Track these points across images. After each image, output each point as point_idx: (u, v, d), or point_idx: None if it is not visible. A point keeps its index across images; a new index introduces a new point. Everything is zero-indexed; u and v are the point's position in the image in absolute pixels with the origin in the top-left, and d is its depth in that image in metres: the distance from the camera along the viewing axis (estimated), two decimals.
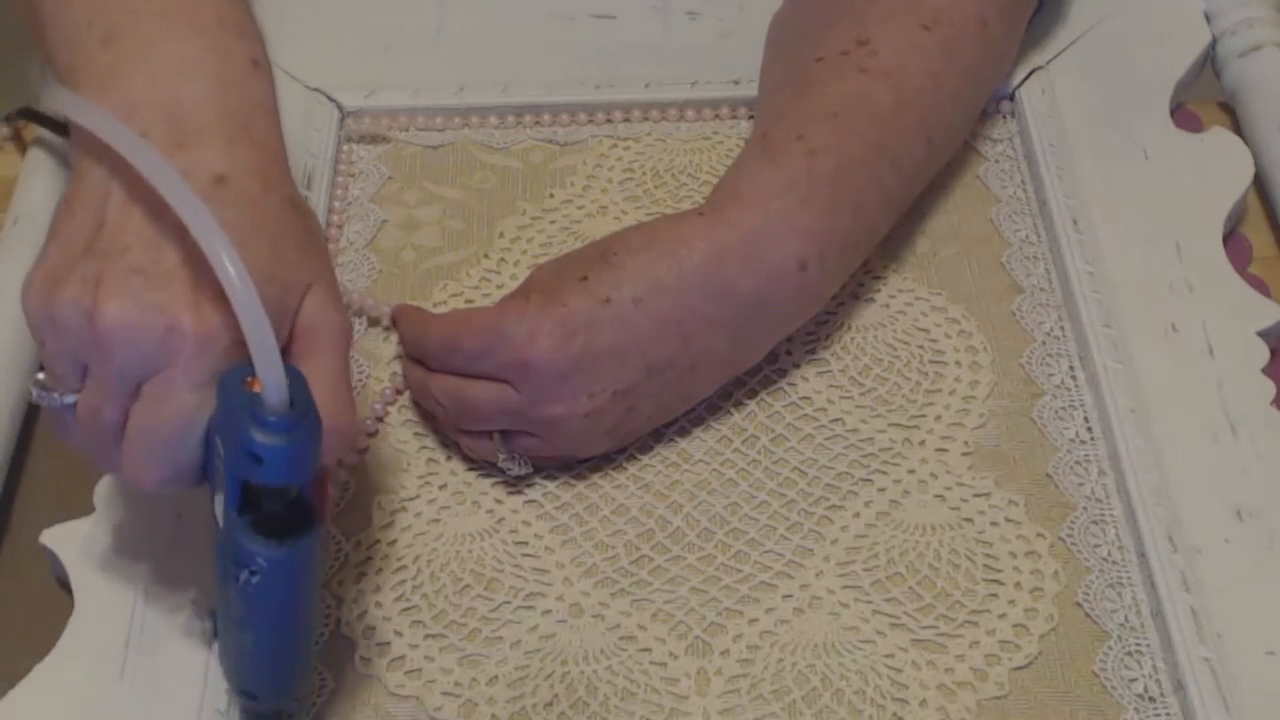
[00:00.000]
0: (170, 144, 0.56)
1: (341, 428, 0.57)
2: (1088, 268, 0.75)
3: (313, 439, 0.54)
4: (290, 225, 0.57)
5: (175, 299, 0.54)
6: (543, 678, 0.64)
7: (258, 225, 0.56)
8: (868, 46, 0.72)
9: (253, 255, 0.54)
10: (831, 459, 0.70)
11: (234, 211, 0.55)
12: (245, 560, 0.55)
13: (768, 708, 0.63)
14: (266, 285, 0.54)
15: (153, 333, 0.54)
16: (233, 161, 0.56)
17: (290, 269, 0.56)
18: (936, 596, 0.66)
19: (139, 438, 0.56)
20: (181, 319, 0.54)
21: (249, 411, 0.53)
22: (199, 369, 0.54)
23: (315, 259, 0.58)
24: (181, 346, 0.54)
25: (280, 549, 0.55)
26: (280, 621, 0.57)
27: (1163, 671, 0.63)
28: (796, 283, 0.69)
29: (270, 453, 0.53)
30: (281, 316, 0.56)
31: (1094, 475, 0.69)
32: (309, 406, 0.54)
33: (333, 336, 0.58)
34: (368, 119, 0.83)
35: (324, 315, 0.57)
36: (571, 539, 0.68)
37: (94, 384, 0.56)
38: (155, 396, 0.55)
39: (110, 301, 0.54)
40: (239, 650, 0.59)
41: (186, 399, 0.54)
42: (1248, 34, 0.84)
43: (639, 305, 0.66)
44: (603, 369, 0.66)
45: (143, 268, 0.54)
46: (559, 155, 0.82)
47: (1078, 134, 0.80)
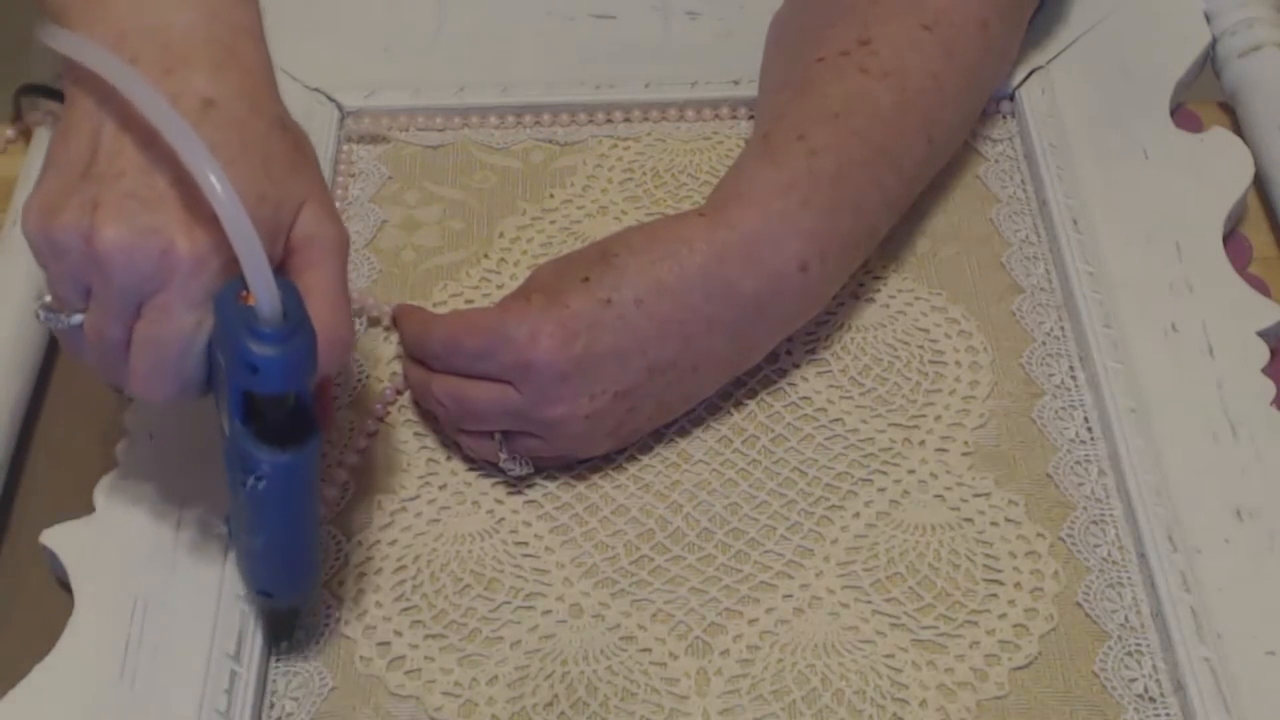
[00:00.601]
0: (159, 70, 0.57)
1: (339, 338, 0.59)
2: (1088, 268, 0.75)
3: (306, 348, 0.56)
4: (280, 144, 0.59)
5: (169, 221, 0.56)
6: (543, 678, 0.64)
7: (247, 146, 0.57)
8: (869, 47, 0.72)
9: (243, 176, 0.56)
10: (831, 459, 0.70)
11: (223, 134, 0.56)
12: (251, 467, 0.58)
13: (768, 708, 0.63)
14: (258, 204, 0.56)
15: (149, 255, 0.56)
16: (220, 85, 0.57)
17: (281, 187, 0.58)
18: (936, 596, 0.66)
19: (143, 356, 0.58)
20: (176, 241, 0.55)
21: (244, 325, 0.55)
22: (195, 288, 0.56)
23: (307, 175, 0.60)
24: (177, 267, 0.56)
25: (284, 455, 0.58)
26: (287, 522, 0.60)
27: (1163, 671, 0.63)
28: (797, 283, 0.69)
29: (266, 363, 0.55)
30: (275, 233, 0.58)
31: (1094, 475, 0.69)
32: (302, 317, 0.56)
33: (329, 248, 0.59)
34: (368, 119, 0.83)
35: (319, 228, 0.59)
36: (571, 539, 0.68)
37: (97, 305, 0.58)
38: (155, 316, 0.57)
39: (108, 226, 0.55)
40: (252, 552, 0.62)
41: (185, 318, 0.57)
42: (1248, 34, 0.84)
43: (640, 306, 0.66)
44: (604, 370, 0.66)
45: (137, 192, 0.56)
46: (559, 155, 0.82)
47: (1078, 134, 0.80)
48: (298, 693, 0.63)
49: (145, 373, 0.58)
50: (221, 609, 0.64)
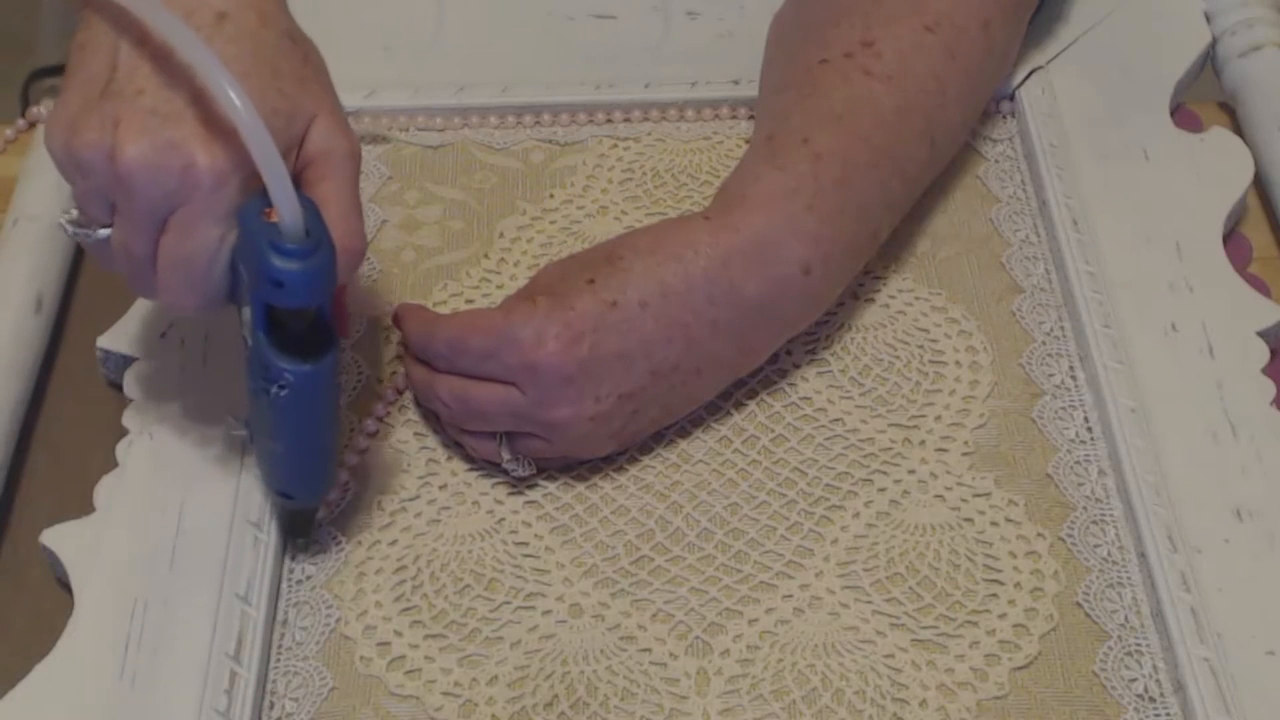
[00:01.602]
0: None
1: (353, 248, 0.61)
2: (1088, 268, 0.75)
3: (328, 264, 0.58)
4: (290, 58, 0.60)
5: (190, 136, 0.57)
6: (543, 678, 0.64)
7: (258, 59, 0.59)
8: (872, 48, 0.72)
9: (255, 89, 0.57)
10: (831, 459, 0.70)
11: (235, 47, 0.58)
12: (274, 376, 0.60)
13: (768, 708, 0.63)
14: (271, 118, 0.57)
15: (171, 171, 0.57)
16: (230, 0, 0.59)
17: (292, 101, 0.59)
18: (936, 596, 0.66)
19: (169, 269, 0.59)
20: (197, 156, 0.57)
21: (268, 241, 0.57)
22: (218, 202, 0.58)
23: (317, 89, 0.61)
24: (200, 182, 0.57)
25: (305, 365, 0.60)
26: (307, 428, 0.63)
27: (1163, 671, 0.63)
28: (801, 287, 0.69)
29: (290, 277, 0.57)
30: (288, 146, 0.59)
31: (1094, 475, 0.69)
32: (323, 234, 0.58)
33: (340, 161, 0.61)
34: (368, 119, 0.83)
35: (331, 141, 0.61)
36: (572, 539, 0.68)
37: (122, 220, 0.59)
38: (180, 230, 0.58)
39: (130, 143, 0.57)
40: (273, 457, 0.64)
41: (209, 231, 0.58)
42: (1248, 34, 0.84)
43: (645, 309, 0.66)
44: (609, 372, 0.66)
45: (158, 108, 0.57)
46: (559, 155, 0.82)
47: (1078, 134, 0.80)
48: (298, 693, 0.63)
49: (171, 285, 0.60)
50: (221, 609, 0.64)
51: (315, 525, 0.67)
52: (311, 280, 0.58)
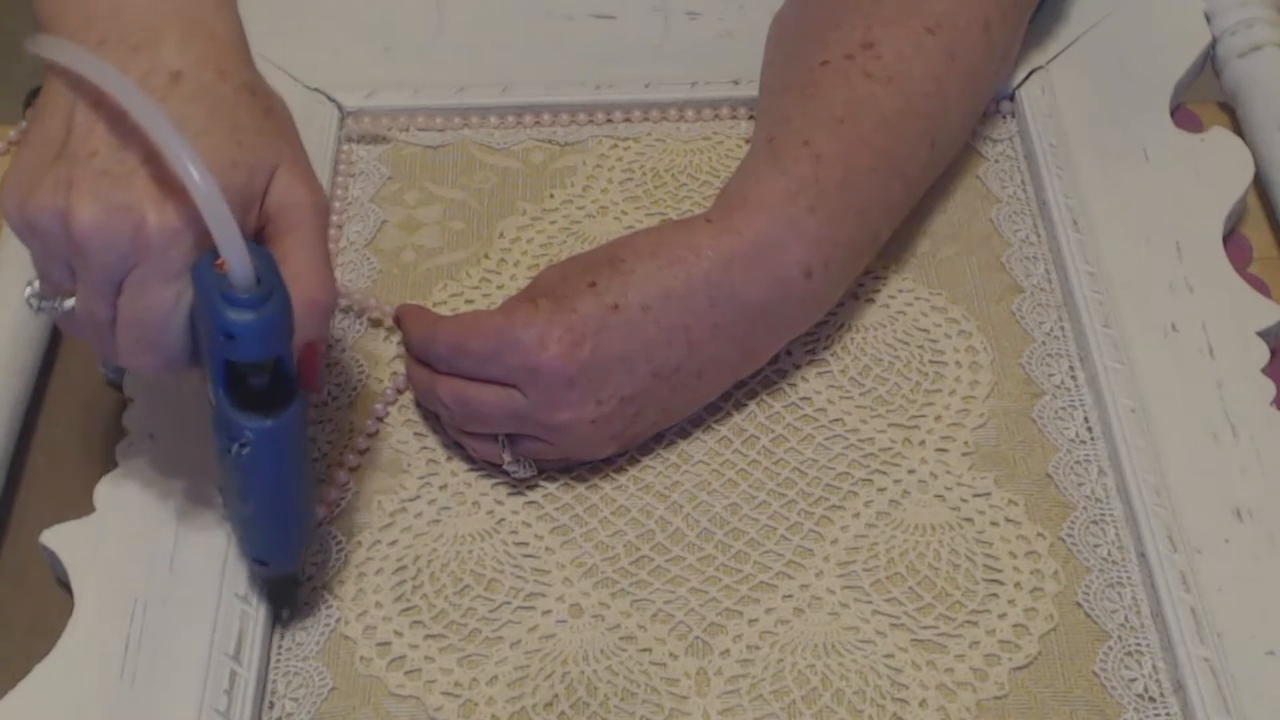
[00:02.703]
0: (127, 48, 0.58)
1: (320, 301, 0.60)
2: (1088, 268, 0.75)
3: (281, 314, 0.57)
4: (250, 110, 0.59)
5: (141, 197, 0.56)
6: (543, 678, 0.64)
7: (216, 115, 0.58)
8: (873, 50, 0.72)
9: (212, 144, 0.57)
10: (831, 459, 0.70)
11: (191, 105, 0.57)
12: (235, 434, 0.59)
13: (768, 708, 0.63)
14: (230, 171, 0.57)
15: (122, 232, 0.56)
16: (187, 57, 0.58)
17: (252, 153, 0.58)
18: (936, 596, 0.66)
19: (127, 331, 0.58)
20: (148, 216, 0.56)
21: (219, 292, 0.56)
22: (170, 262, 0.57)
23: (280, 141, 0.60)
24: (151, 242, 0.56)
25: (266, 421, 0.59)
26: (275, 488, 0.61)
27: (1163, 671, 0.63)
28: (802, 289, 0.69)
29: (241, 328, 0.56)
30: (248, 200, 0.58)
31: (1094, 475, 0.69)
32: (275, 283, 0.57)
33: (305, 213, 0.60)
34: (368, 119, 0.83)
35: (294, 194, 0.60)
36: (572, 539, 0.68)
37: (82, 285, 0.58)
38: (135, 292, 0.58)
39: (82, 205, 0.56)
40: (244, 520, 0.63)
41: (163, 291, 0.57)
42: (1248, 34, 0.84)
43: (647, 312, 0.66)
44: (610, 375, 0.66)
45: (110, 169, 0.56)
46: (559, 155, 0.82)
47: (1078, 134, 0.80)
48: (298, 693, 0.63)
49: (130, 347, 0.59)
50: (221, 609, 0.64)
51: (299, 593, 0.66)
52: (264, 331, 0.56)
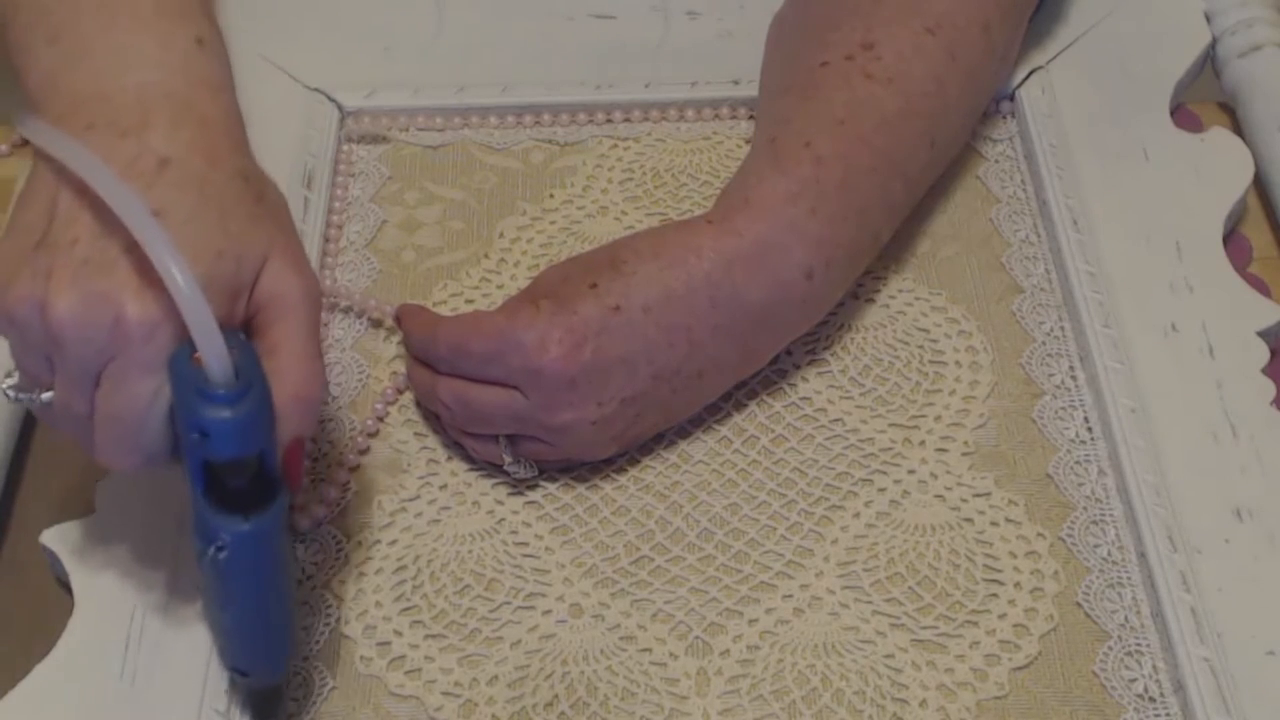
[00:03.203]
0: (115, 134, 0.57)
1: (308, 396, 0.57)
2: (1088, 268, 0.75)
3: (258, 411, 0.54)
4: (240, 198, 0.57)
5: (120, 286, 0.55)
6: (543, 678, 0.64)
7: (204, 202, 0.56)
8: (873, 51, 0.72)
9: (198, 232, 0.55)
10: (831, 459, 0.70)
11: (178, 192, 0.56)
12: (211, 536, 0.56)
13: (768, 708, 0.63)
14: (215, 260, 0.55)
15: (101, 323, 0.54)
16: (176, 143, 0.57)
17: (240, 242, 0.57)
18: (936, 597, 0.66)
19: (104, 426, 0.56)
20: (127, 307, 0.54)
21: (194, 387, 0.54)
22: (149, 354, 0.55)
23: (270, 228, 0.58)
24: (130, 334, 0.54)
25: (244, 523, 0.56)
26: (253, 596, 0.58)
27: (1163, 671, 0.63)
28: (803, 291, 0.69)
29: (216, 426, 0.54)
30: (236, 289, 0.57)
31: (1094, 475, 0.69)
32: (254, 377, 0.54)
33: (295, 303, 0.58)
34: (368, 119, 0.83)
35: (284, 283, 0.58)
36: (572, 539, 0.68)
37: (60, 377, 0.57)
38: (112, 386, 0.56)
39: (60, 295, 0.55)
40: (223, 628, 0.60)
41: (141, 384, 0.55)
42: (1248, 34, 0.84)
43: (648, 313, 0.66)
44: (611, 377, 0.66)
45: (90, 258, 0.55)
46: (559, 155, 0.82)
47: (1078, 134, 0.80)
48: (298, 693, 0.63)
49: (108, 443, 0.57)
50: None
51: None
52: (239, 429, 0.54)
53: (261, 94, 0.81)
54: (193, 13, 0.61)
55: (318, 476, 0.69)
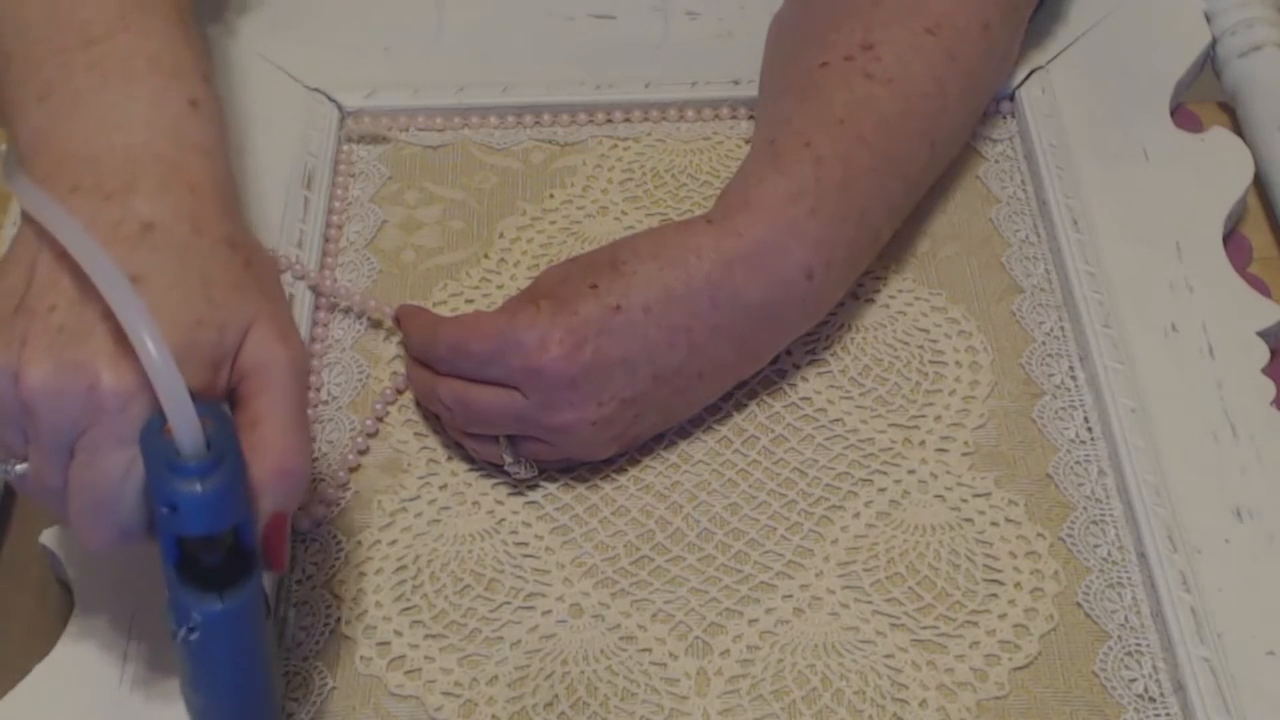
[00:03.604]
0: (99, 196, 0.55)
1: (290, 470, 0.55)
2: (1088, 268, 0.75)
3: (230, 485, 0.52)
4: (225, 265, 0.56)
5: (95, 354, 0.53)
6: (543, 678, 0.64)
7: (187, 268, 0.55)
8: (872, 51, 0.72)
9: (179, 299, 0.54)
10: (831, 459, 0.70)
11: (160, 257, 0.55)
12: (182, 616, 0.54)
13: (768, 708, 0.63)
14: (195, 328, 0.54)
15: (74, 393, 0.53)
16: (161, 208, 0.56)
17: (223, 310, 0.55)
18: (936, 597, 0.66)
19: (78, 499, 0.54)
20: (102, 375, 0.53)
21: (164, 459, 0.52)
22: (124, 425, 0.53)
23: (256, 296, 0.56)
24: (104, 404, 0.53)
25: (216, 603, 0.54)
26: (227, 678, 0.56)
27: (1163, 671, 0.63)
28: (803, 291, 0.69)
29: (186, 500, 0.52)
30: (218, 358, 0.55)
31: (1094, 475, 0.69)
32: (227, 449, 0.52)
33: (279, 373, 0.56)
34: (368, 119, 0.83)
35: (268, 352, 0.56)
36: (572, 539, 0.68)
37: (33, 448, 0.55)
38: (85, 458, 0.54)
39: (34, 363, 0.53)
40: (196, 711, 0.58)
41: (114, 457, 0.53)
42: (1248, 34, 0.84)
43: (649, 314, 0.66)
44: (611, 377, 0.66)
45: (66, 325, 0.53)
46: (559, 155, 0.82)
47: (1078, 134, 0.80)
48: (297, 693, 0.63)
49: (82, 517, 0.55)
50: None
51: None
52: (211, 503, 0.51)
53: (261, 94, 0.81)
54: (187, 72, 0.60)
55: (318, 477, 0.69)
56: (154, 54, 0.60)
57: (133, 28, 0.60)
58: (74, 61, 0.59)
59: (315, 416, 0.71)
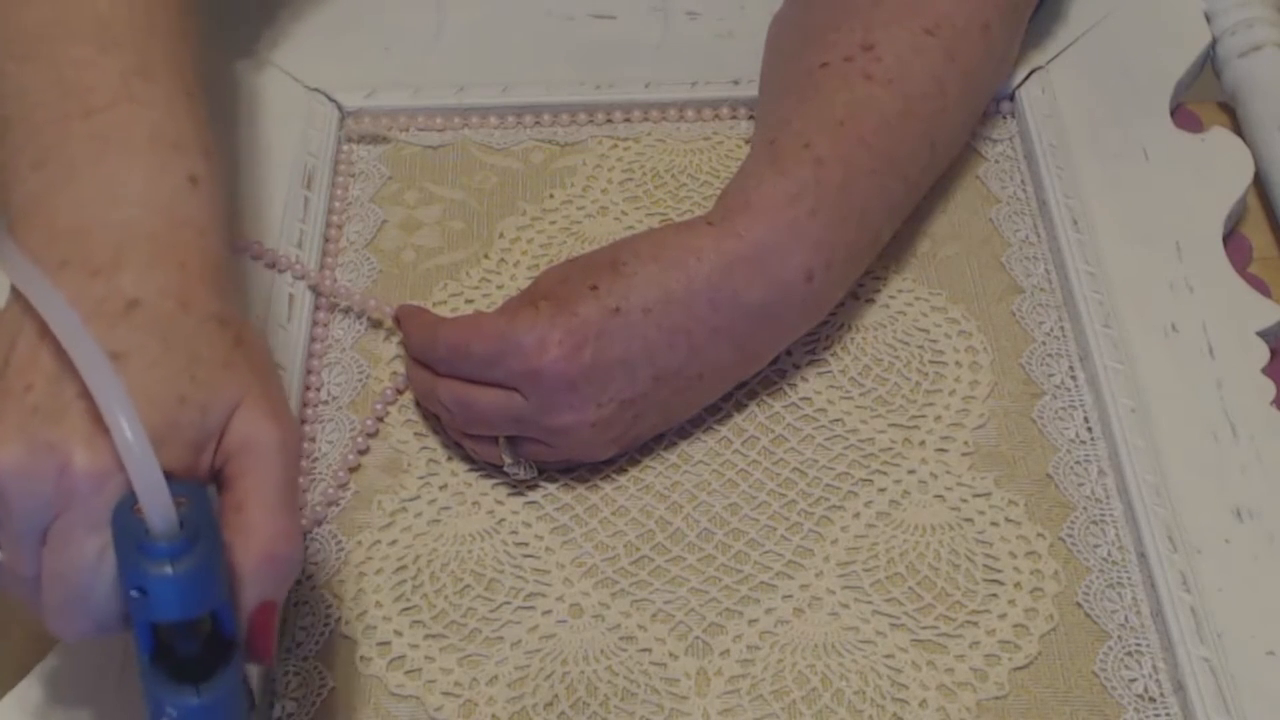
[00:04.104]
0: (86, 272, 0.54)
1: (278, 554, 0.53)
2: (1088, 268, 0.75)
3: (207, 566, 0.50)
4: (213, 343, 0.54)
5: (70, 434, 0.51)
6: (543, 678, 0.64)
7: (171, 347, 0.53)
8: (872, 52, 0.72)
9: (161, 378, 0.52)
10: (831, 459, 0.70)
11: (143, 335, 0.53)
12: (155, 711, 0.51)
13: (768, 708, 0.63)
14: (177, 407, 0.52)
15: (46, 475, 0.51)
16: (148, 285, 0.54)
17: (207, 389, 0.53)
18: (936, 597, 0.66)
19: (50, 587, 0.52)
20: (74, 456, 0.51)
21: (134, 540, 0.49)
22: (97, 508, 0.51)
23: (244, 374, 0.55)
24: (76, 486, 0.51)
25: (194, 697, 0.51)
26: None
27: (1163, 671, 0.63)
28: (803, 293, 0.69)
29: (156, 583, 0.49)
30: (201, 438, 0.53)
31: (1094, 475, 0.69)
32: (202, 529, 0.50)
33: (266, 453, 0.54)
34: (368, 119, 0.83)
35: (255, 430, 0.54)
36: (572, 539, 0.68)
37: (5, 534, 0.52)
38: (58, 543, 0.51)
39: (4, 444, 0.51)
40: None
41: (88, 542, 0.51)
42: (1248, 34, 0.84)
43: (648, 316, 0.66)
44: (611, 379, 0.66)
45: (41, 404, 0.52)
46: (559, 155, 0.82)
47: (1078, 134, 0.80)
48: (298, 693, 0.63)
49: (56, 607, 0.52)
50: None
51: None
52: (184, 586, 0.49)
53: (261, 94, 0.81)
54: (189, 146, 0.59)
55: (318, 477, 0.69)
56: (156, 126, 0.58)
57: (136, 98, 0.59)
58: (73, 130, 0.57)
59: (315, 416, 0.71)
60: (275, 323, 0.73)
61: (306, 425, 0.71)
